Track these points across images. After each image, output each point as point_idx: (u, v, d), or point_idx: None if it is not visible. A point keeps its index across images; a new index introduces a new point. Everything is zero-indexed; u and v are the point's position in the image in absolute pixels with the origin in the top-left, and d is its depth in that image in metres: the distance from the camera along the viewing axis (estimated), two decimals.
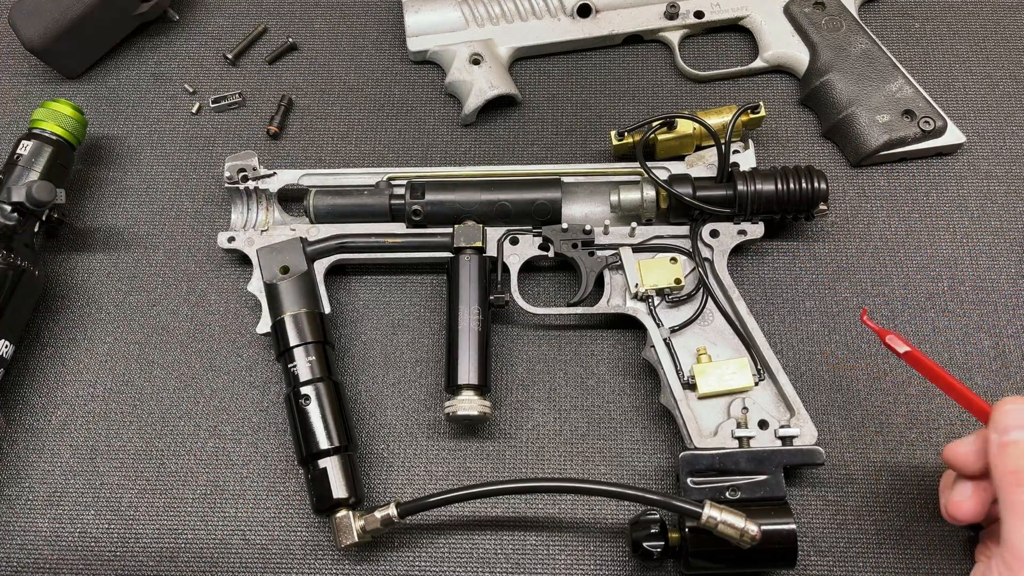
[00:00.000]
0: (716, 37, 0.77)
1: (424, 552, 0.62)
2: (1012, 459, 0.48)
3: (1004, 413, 0.49)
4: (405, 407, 0.66)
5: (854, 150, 0.71)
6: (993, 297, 0.67)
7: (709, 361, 0.61)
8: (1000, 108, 0.73)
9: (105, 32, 0.75)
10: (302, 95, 0.76)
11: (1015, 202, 0.70)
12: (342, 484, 0.58)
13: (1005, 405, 0.49)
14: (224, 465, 0.65)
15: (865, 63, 0.71)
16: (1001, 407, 0.49)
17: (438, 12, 0.74)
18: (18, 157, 0.67)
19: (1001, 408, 0.49)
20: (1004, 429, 0.49)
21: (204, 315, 0.69)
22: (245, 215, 0.68)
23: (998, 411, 0.49)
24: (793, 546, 0.55)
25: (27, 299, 0.65)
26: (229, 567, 0.62)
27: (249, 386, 0.67)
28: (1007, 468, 0.48)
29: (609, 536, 0.62)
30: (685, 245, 0.65)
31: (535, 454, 0.64)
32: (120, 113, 0.76)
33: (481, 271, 0.64)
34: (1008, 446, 0.48)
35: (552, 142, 0.74)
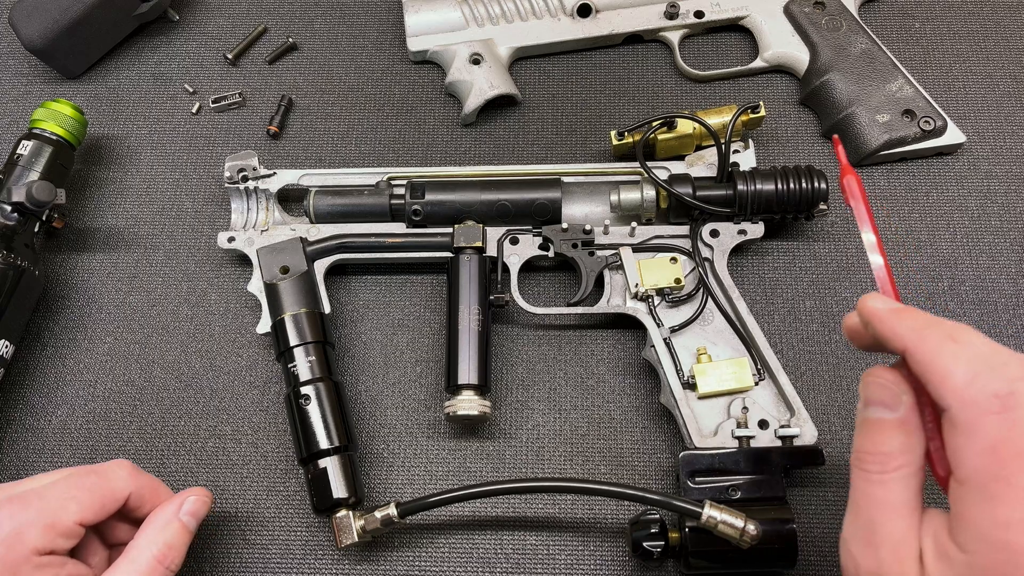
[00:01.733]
0: (716, 37, 0.77)
1: (424, 552, 0.62)
2: (862, 438, 0.42)
3: (867, 385, 0.43)
4: (405, 407, 0.66)
5: (854, 150, 0.71)
6: (993, 297, 0.67)
7: (709, 361, 0.61)
8: (1000, 108, 0.73)
9: (105, 32, 0.75)
10: (302, 95, 0.76)
11: (1015, 202, 0.70)
12: (342, 484, 0.58)
13: (870, 377, 0.43)
14: (224, 465, 0.65)
15: (865, 63, 0.71)
16: (867, 378, 0.43)
17: (438, 12, 0.74)
18: (18, 157, 0.67)
19: (866, 379, 0.43)
20: (864, 402, 0.43)
21: (204, 315, 0.69)
22: (245, 215, 0.68)
23: (864, 382, 0.43)
24: (793, 546, 0.55)
25: (27, 299, 0.65)
26: (229, 567, 0.62)
27: (249, 386, 0.67)
28: (855, 446, 0.43)
29: (609, 536, 0.62)
30: (685, 245, 0.65)
31: (535, 454, 0.64)
32: (120, 113, 0.76)
33: (481, 271, 0.64)
34: (862, 424, 0.42)
35: (552, 142, 0.74)
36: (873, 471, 0.41)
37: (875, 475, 0.41)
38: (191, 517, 0.54)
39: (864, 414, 0.43)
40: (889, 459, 0.41)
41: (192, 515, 0.54)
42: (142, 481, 0.54)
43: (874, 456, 0.41)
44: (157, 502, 0.55)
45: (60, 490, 0.51)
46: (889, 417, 0.41)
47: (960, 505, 0.38)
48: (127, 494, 0.53)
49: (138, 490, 0.54)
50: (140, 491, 0.54)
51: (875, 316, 0.42)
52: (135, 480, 0.54)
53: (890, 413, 0.41)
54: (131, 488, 0.53)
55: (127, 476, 0.53)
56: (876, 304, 0.43)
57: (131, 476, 0.54)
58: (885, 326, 0.42)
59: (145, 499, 0.54)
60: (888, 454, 0.41)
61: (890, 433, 0.41)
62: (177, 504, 0.54)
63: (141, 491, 0.54)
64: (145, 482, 0.54)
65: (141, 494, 0.54)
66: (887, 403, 0.42)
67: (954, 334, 0.40)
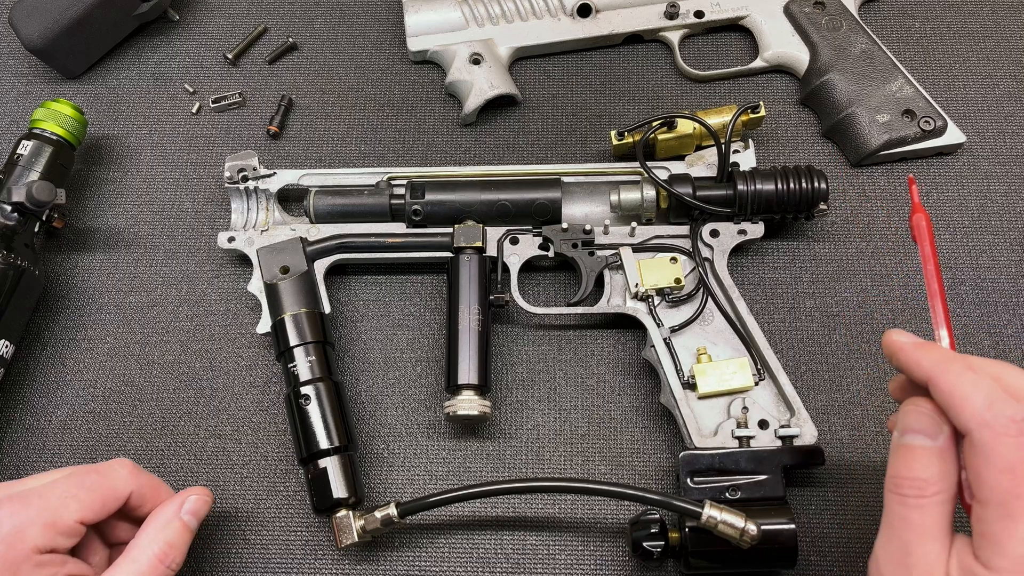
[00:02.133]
0: (716, 37, 0.77)
1: (424, 552, 0.62)
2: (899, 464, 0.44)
3: (907, 413, 0.44)
4: (405, 407, 0.66)
5: (854, 150, 0.71)
6: (993, 297, 0.67)
7: (709, 361, 0.61)
8: (1000, 108, 0.73)
9: (105, 32, 0.75)
10: (302, 95, 0.76)
11: (1015, 202, 0.70)
12: (342, 484, 0.58)
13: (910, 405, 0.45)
14: (224, 465, 0.65)
15: (865, 63, 0.71)
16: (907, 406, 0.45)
17: (438, 12, 0.74)
18: (18, 157, 0.67)
19: (906, 407, 0.45)
20: (903, 430, 0.44)
21: (204, 315, 0.69)
22: (245, 215, 0.68)
23: (903, 410, 0.45)
24: (793, 546, 0.55)
25: (27, 299, 0.65)
26: (229, 567, 0.62)
27: (249, 386, 0.67)
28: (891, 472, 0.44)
29: (609, 536, 0.62)
30: (685, 245, 0.65)
31: (535, 454, 0.64)
32: (120, 113, 0.76)
33: (481, 271, 0.64)
34: (899, 449, 0.44)
35: (552, 142, 0.74)
36: (910, 495, 0.43)
37: (912, 499, 0.42)
38: (192, 516, 0.54)
39: (902, 441, 0.44)
40: (927, 485, 0.42)
41: (193, 514, 0.54)
42: (143, 480, 0.54)
43: (912, 481, 0.43)
44: (158, 501, 0.55)
45: (61, 489, 0.51)
46: (929, 445, 0.43)
47: (982, 525, 0.40)
48: (128, 493, 0.53)
49: (139, 489, 0.54)
50: (141, 490, 0.54)
51: (900, 349, 0.45)
52: (136, 479, 0.54)
53: (930, 441, 0.43)
54: (132, 487, 0.53)
55: (128, 475, 0.54)
56: (901, 339, 0.46)
57: (132, 475, 0.54)
58: (909, 358, 0.44)
59: (146, 498, 0.54)
60: (926, 480, 0.42)
61: (928, 460, 0.43)
62: (178, 503, 0.54)
63: (142, 490, 0.54)
64: (146, 481, 0.55)
65: (142, 493, 0.54)
66: (928, 432, 0.43)
67: (973, 364, 0.43)
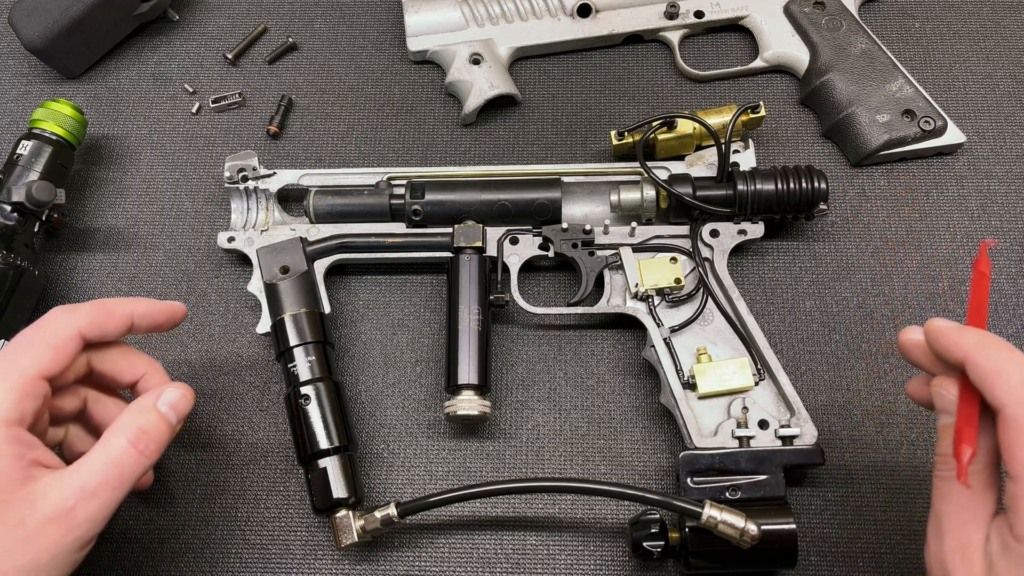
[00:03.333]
0: (716, 37, 0.77)
1: (424, 552, 0.62)
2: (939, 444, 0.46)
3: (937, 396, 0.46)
4: (405, 407, 0.66)
5: (854, 150, 0.71)
6: (993, 297, 0.67)
7: (709, 361, 0.61)
8: (1000, 108, 0.73)
9: (105, 32, 0.75)
10: (302, 95, 0.76)
11: (1015, 202, 0.70)
12: (342, 484, 0.58)
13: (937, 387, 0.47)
14: (224, 465, 0.65)
15: (865, 63, 0.71)
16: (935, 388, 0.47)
17: (438, 12, 0.74)
18: (18, 157, 0.67)
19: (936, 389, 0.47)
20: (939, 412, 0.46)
21: (204, 315, 0.69)
22: (245, 215, 0.68)
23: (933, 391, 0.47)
24: (793, 546, 0.55)
25: (27, 299, 0.65)
26: (229, 567, 0.62)
27: (249, 386, 0.67)
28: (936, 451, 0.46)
29: (609, 536, 0.62)
30: (685, 245, 0.65)
31: (535, 454, 0.64)
32: (120, 113, 0.76)
33: (481, 271, 0.64)
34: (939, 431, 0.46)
35: (552, 142, 0.74)
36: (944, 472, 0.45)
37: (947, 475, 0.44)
38: (170, 409, 0.52)
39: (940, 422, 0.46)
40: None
41: (171, 407, 0.52)
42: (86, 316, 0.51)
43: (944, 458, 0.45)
44: (129, 360, 0.55)
45: (7, 353, 0.49)
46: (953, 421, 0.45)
47: (1016, 501, 0.41)
48: (75, 330, 0.51)
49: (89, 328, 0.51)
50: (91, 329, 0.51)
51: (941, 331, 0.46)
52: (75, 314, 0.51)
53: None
54: (77, 323, 0.51)
55: (63, 314, 0.51)
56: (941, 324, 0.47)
57: (67, 312, 0.51)
58: (950, 339, 0.46)
59: (111, 352, 0.54)
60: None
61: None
62: (155, 394, 0.52)
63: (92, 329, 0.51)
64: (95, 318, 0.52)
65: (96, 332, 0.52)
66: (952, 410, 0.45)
67: (1010, 346, 0.44)
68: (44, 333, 0.50)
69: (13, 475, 0.47)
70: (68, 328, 0.51)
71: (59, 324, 0.51)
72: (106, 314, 0.53)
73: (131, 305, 0.54)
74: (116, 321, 0.53)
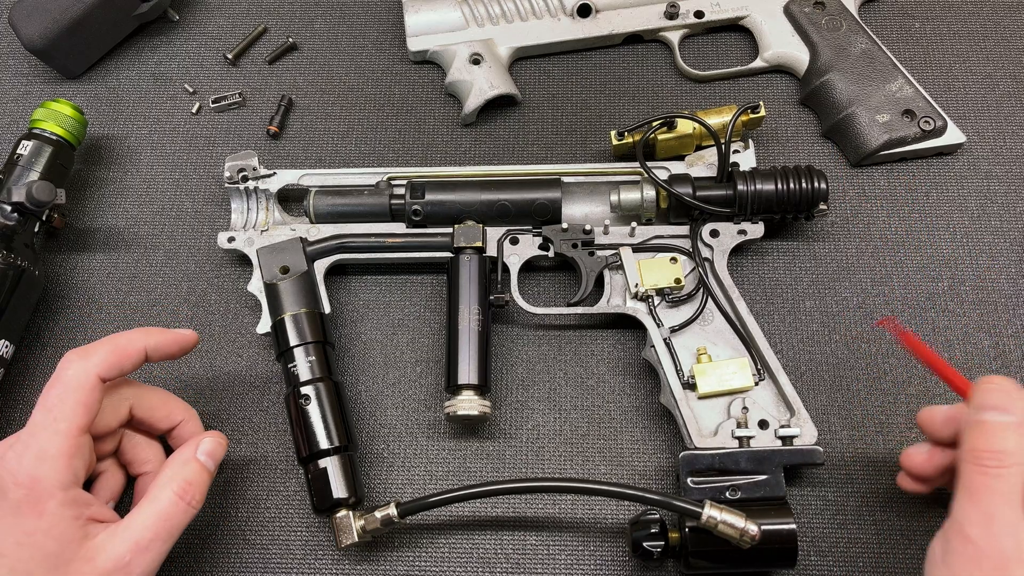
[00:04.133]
0: (716, 37, 0.77)
1: (424, 552, 0.62)
2: (978, 438, 0.48)
3: (984, 391, 0.49)
4: (405, 407, 0.66)
5: (854, 150, 0.71)
6: (993, 297, 0.67)
7: (709, 361, 0.61)
8: (1000, 108, 0.73)
9: (105, 32, 0.75)
10: (302, 95, 0.76)
11: (1015, 202, 0.70)
12: (342, 484, 0.58)
13: (986, 384, 0.49)
14: (224, 465, 0.64)
15: (865, 63, 0.71)
16: (982, 384, 0.49)
17: (438, 12, 0.74)
18: (18, 157, 0.67)
19: (982, 386, 0.49)
20: (980, 407, 0.48)
21: (204, 315, 0.69)
22: (245, 215, 0.68)
23: (979, 388, 0.49)
24: (793, 546, 0.55)
25: (27, 299, 0.65)
26: (229, 567, 0.62)
27: (249, 386, 0.67)
28: (970, 445, 0.48)
29: (609, 536, 0.62)
30: (685, 245, 0.65)
31: (535, 454, 0.64)
32: (120, 113, 0.76)
33: (481, 271, 0.64)
34: (978, 425, 0.48)
35: (552, 142, 0.74)
36: (991, 466, 0.47)
37: (993, 469, 0.46)
38: (208, 457, 0.55)
39: (980, 416, 0.48)
40: (1006, 456, 0.46)
41: (209, 455, 0.56)
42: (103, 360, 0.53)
43: (992, 453, 0.47)
44: (168, 408, 0.59)
45: (39, 417, 0.51)
46: (1007, 420, 0.47)
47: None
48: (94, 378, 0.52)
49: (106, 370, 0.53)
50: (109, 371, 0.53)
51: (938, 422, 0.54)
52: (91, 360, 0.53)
53: (1008, 416, 0.47)
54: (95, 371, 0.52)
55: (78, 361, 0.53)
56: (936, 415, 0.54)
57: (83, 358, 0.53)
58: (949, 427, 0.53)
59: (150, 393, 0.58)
60: (1005, 452, 0.47)
61: (1007, 434, 0.47)
62: (194, 445, 0.56)
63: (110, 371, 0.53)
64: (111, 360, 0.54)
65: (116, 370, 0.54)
66: (1005, 407, 0.48)
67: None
68: (68, 389, 0.52)
69: (74, 536, 0.50)
70: (88, 378, 0.52)
71: (79, 375, 0.52)
72: (120, 354, 0.54)
73: (143, 339, 0.56)
74: (131, 360, 0.55)
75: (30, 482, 0.50)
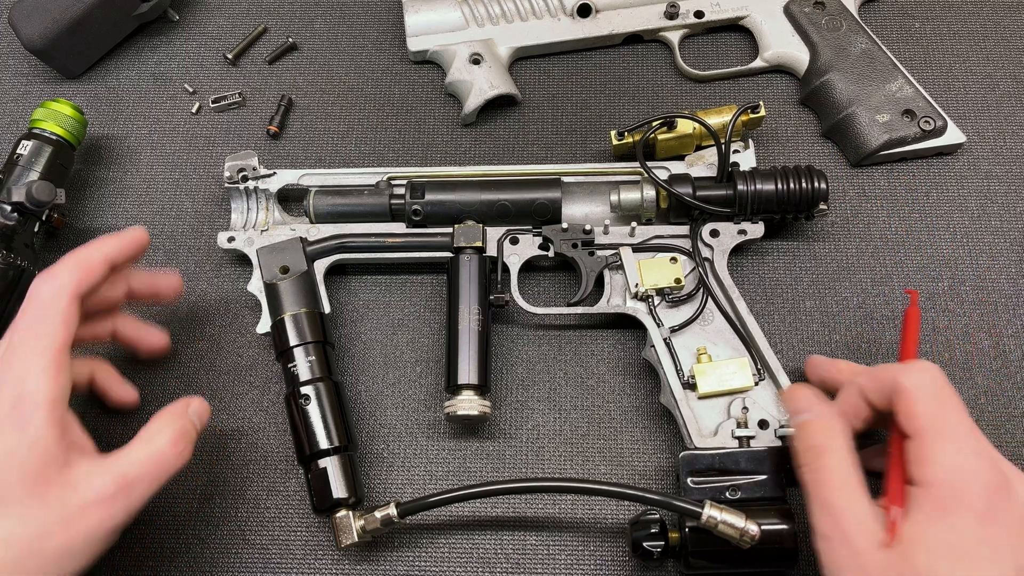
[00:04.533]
0: (716, 37, 0.77)
1: (424, 552, 0.62)
2: (795, 441, 0.53)
3: (786, 399, 0.55)
4: (405, 407, 0.66)
5: (854, 150, 0.71)
6: (993, 297, 0.67)
7: (709, 361, 0.61)
8: (1000, 108, 0.73)
9: (105, 32, 0.75)
10: (302, 95, 0.76)
11: (1015, 202, 0.70)
12: (342, 484, 0.58)
13: (787, 392, 0.55)
14: (224, 465, 0.65)
15: (865, 63, 0.71)
16: (783, 394, 0.56)
17: (438, 12, 0.74)
18: (18, 157, 0.67)
19: (783, 395, 0.56)
20: (793, 412, 0.54)
21: (204, 315, 0.69)
22: (245, 215, 0.68)
23: (787, 395, 0.55)
24: (793, 546, 0.55)
25: None
26: (229, 567, 0.62)
27: (249, 386, 0.67)
28: (795, 452, 0.53)
29: (609, 536, 0.62)
30: (685, 245, 0.65)
31: (535, 454, 0.64)
32: (120, 113, 0.76)
33: (481, 271, 0.64)
34: (796, 427, 0.53)
35: (552, 142, 0.74)
36: (811, 461, 0.51)
37: (814, 463, 0.51)
38: (197, 418, 0.56)
39: (794, 422, 0.53)
40: (822, 447, 0.51)
41: (198, 416, 0.56)
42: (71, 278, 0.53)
43: (809, 449, 0.51)
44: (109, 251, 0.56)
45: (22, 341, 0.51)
46: (806, 417, 0.53)
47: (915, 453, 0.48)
48: (67, 296, 0.52)
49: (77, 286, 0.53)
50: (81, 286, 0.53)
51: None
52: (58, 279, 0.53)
53: (808, 415, 0.53)
54: (67, 289, 0.52)
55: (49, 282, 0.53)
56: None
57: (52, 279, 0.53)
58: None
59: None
60: (816, 446, 0.51)
61: (812, 429, 0.52)
62: (184, 403, 0.56)
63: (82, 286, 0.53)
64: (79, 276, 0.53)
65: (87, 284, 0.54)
66: (803, 408, 0.53)
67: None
68: (45, 308, 0.52)
69: (56, 457, 0.49)
70: (63, 295, 0.52)
71: (53, 293, 0.52)
72: (84, 267, 0.54)
73: (100, 247, 0.55)
74: (96, 271, 0.55)
75: (13, 397, 0.49)
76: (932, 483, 0.46)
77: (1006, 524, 0.45)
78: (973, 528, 0.45)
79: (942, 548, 0.45)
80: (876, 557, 0.46)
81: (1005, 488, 0.46)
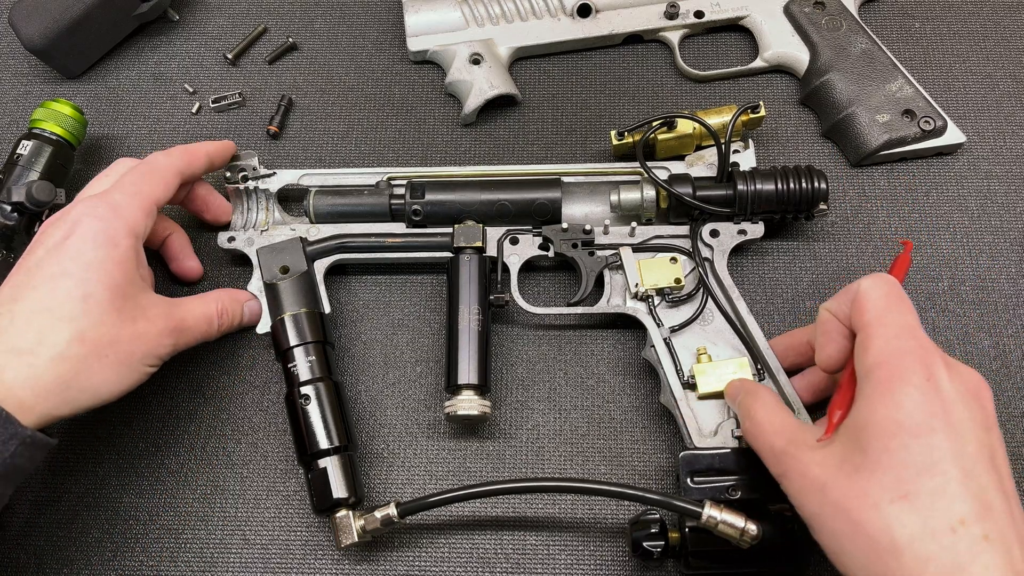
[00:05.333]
0: (716, 37, 0.77)
1: (424, 552, 0.62)
2: (728, 390, 0.58)
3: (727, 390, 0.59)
4: (405, 407, 0.66)
5: (854, 150, 0.71)
6: (993, 297, 0.67)
7: (709, 361, 0.61)
8: (1000, 108, 0.73)
9: (105, 32, 0.75)
10: (302, 95, 0.76)
11: (1015, 202, 0.70)
12: (342, 484, 0.58)
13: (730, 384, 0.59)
14: (224, 465, 0.65)
15: (865, 63, 0.71)
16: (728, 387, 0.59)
17: (438, 12, 0.74)
18: (18, 157, 0.67)
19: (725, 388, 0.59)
20: (731, 396, 0.58)
21: None
22: (245, 215, 0.68)
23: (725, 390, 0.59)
24: (793, 546, 0.55)
25: None
26: (229, 567, 0.62)
27: (249, 386, 0.67)
28: (729, 399, 0.58)
29: (609, 536, 0.62)
30: (685, 245, 0.65)
31: (535, 454, 0.64)
32: (120, 113, 0.76)
33: (481, 271, 0.64)
34: (726, 387, 0.59)
35: (552, 142, 0.74)
36: (739, 401, 0.56)
37: (741, 401, 0.55)
38: (248, 312, 0.64)
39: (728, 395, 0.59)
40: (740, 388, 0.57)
41: (249, 313, 0.65)
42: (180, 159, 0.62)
43: (733, 393, 0.58)
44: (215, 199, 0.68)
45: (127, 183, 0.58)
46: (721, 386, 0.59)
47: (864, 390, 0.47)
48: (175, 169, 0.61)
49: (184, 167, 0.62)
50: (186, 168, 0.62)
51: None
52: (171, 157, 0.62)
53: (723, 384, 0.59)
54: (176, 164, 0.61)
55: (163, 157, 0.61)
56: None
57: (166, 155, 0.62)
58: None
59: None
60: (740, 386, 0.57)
61: (733, 382, 0.59)
62: (246, 296, 0.65)
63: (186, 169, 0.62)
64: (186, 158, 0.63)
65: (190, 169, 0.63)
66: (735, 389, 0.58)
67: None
68: (153, 169, 0.60)
69: (135, 281, 0.56)
70: (171, 167, 0.61)
71: (164, 163, 0.61)
72: (191, 157, 0.63)
73: (204, 147, 0.64)
74: (199, 163, 0.63)
75: (109, 219, 0.55)
76: (872, 366, 0.46)
77: (958, 399, 0.45)
78: (920, 402, 0.44)
79: (891, 427, 0.44)
80: (818, 455, 0.47)
81: (948, 364, 0.46)
